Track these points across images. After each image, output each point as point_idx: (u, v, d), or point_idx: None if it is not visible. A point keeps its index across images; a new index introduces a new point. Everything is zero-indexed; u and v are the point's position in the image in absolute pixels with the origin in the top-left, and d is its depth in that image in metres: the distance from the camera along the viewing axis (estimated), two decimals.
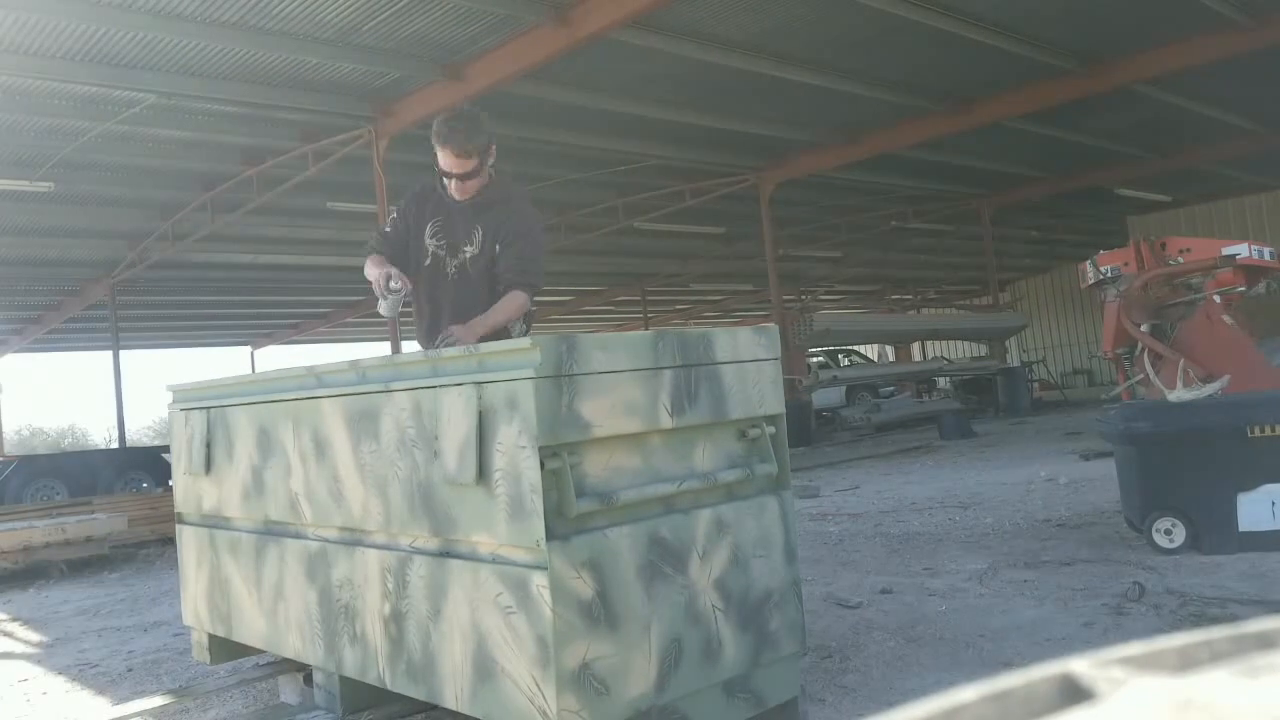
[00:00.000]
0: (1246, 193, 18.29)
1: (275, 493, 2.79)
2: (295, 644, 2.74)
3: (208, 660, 3.26)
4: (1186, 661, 0.39)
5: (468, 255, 3.38)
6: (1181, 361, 6.05)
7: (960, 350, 25.94)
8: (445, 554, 2.21)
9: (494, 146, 3.35)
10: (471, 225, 3.37)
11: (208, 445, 3.10)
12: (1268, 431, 3.89)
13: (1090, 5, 9.60)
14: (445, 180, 3.32)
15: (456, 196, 3.37)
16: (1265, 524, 3.92)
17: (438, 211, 3.44)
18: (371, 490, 2.41)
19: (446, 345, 3.00)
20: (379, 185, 10.28)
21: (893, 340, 23.85)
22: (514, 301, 3.30)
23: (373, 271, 3.32)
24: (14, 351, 20.78)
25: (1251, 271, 7.31)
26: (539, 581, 1.94)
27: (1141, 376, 6.58)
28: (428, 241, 3.45)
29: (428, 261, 3.44)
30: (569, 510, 1.99)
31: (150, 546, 8.26)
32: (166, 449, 11.03)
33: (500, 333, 3.30)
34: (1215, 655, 0.39)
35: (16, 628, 5.26)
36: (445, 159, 3.26)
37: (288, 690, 2.99)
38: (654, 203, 14.77)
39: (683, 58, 9.37)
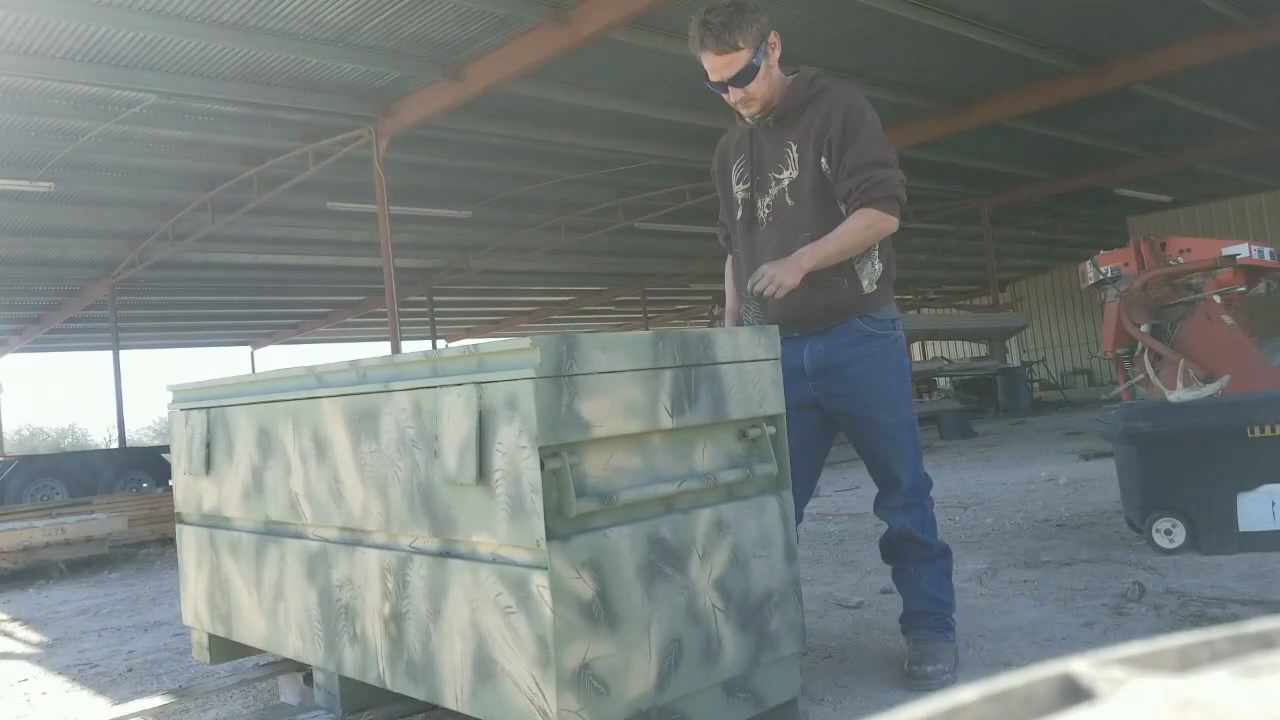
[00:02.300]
0: (1246, 193, 18.30)
1: (275, 493, 2.79)
2: (295, 644, 2.74)
3: (208, 660, 3.26)
4: (1186, 661, 0.39)
5: (785, 183, 2.66)
6: (1181, 361, 6.05)
7: (960, 350, 25.94)
8: (445, 554, 2.21)
9: (776, 36, 2.63)
10: (782, 144, 2.66)
11: (208, 445, 3.10)
12: (1268, 431, 3.89)
13: (1090, 5, 9.60)
14: (725, 98, 2.66)
15: (746, 114, 2.69)
16: (1265, 524, 3.92)
17: (739, 150, 2.79)
18: (371, 490, 2.41)
19: (755, 291, 2.47)
20: (379, 185, 10.29)
21: None
22: (858, 222, 2.51)
23: (729, 300, 2.85)
24: (14, 351, 20.77)
25: (1251, 271, 7.31)
26: (539, 581, 1.94)
27: (1141, 376, 6.58)
28: (735, 190, 2.78)
29: (739, 215, 2.79)
30: (569, 510, 1.98)
31: (150, 546, 8.25)
32: (166, 449, 11.04)
33: (848, 269, 2.59)
34: (1215, 655, 0.39)
35: (16, 628, 5.26)
36: (708, 65, 2.62)
37: (288, 690, 3.00)
38: (654, 203, 14.78)
39: (683, 58, 9.28)
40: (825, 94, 2.66)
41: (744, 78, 2.60)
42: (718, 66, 2.60)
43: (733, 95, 2.65)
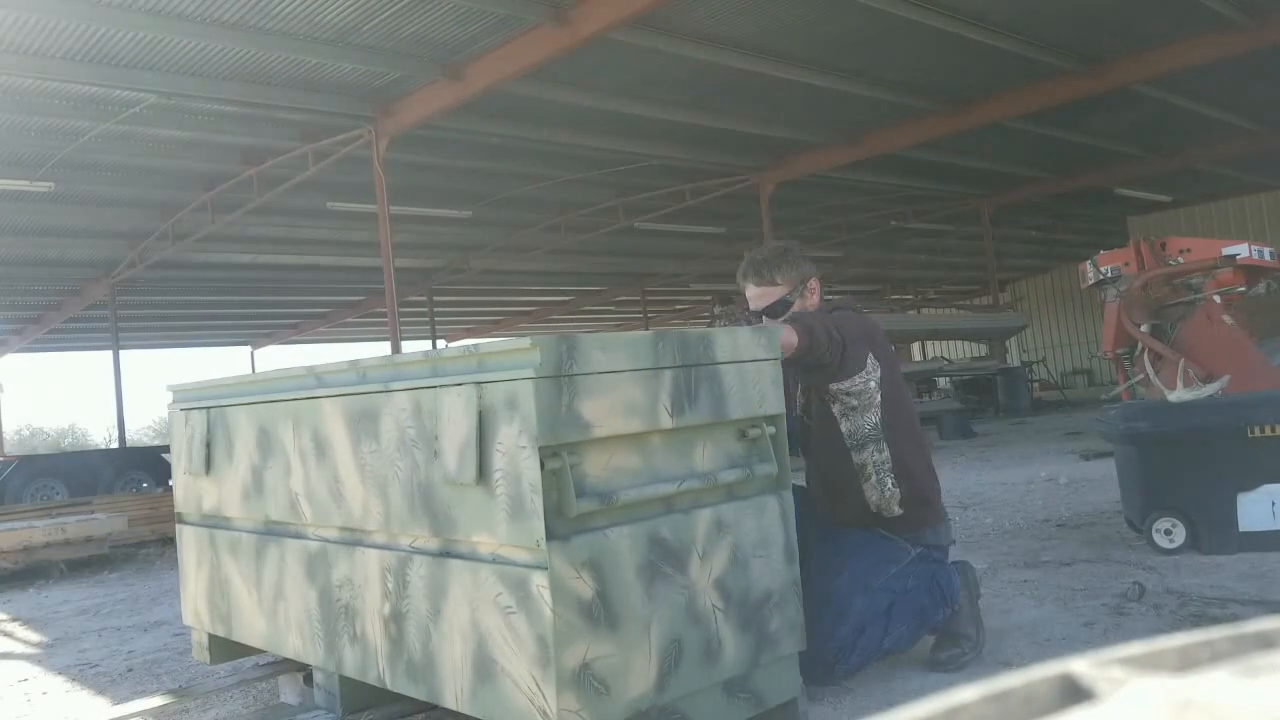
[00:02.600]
0: (1246, 193, 18.30)
1: (275, 493, 2.79)
2: (295, 644, 2.74)
3: (208, 660, 3.26)
4: (1186, 661, 0.39)
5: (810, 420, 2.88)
6: (1181, 361, 6.05)
7: (960, 350, 25.94)
8: (445, 554, 2.21)
9: (817, 282, 2.92)
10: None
11: (208, 445, 3.09)
12: (1268, 431, 3.89)
13: (1090, 5, 9.60)
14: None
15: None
16: (1265, 524, 3.92)
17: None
18: (371, 490, 2.41)
19: None
20: (379, 185, 10.29)
21: (893, 340, 23.76)
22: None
23: None
24: (14, 351, 20.78)
25: (1251, 271, 7.30)
26: (539, 581, 1.94)
27: (1141, 376, 6.58)
28: (797, 397, 3.00)
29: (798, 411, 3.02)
30: (569, 510, 1.98)
31: (150, 546, 8.26)
32: (166, 449, 11.03)
33: (856, 489, 2.84)
34: (1215, 655, 0.39)
35: (16, 628, 5.26)
36: (748, 295, 2.92)
37: (288, 690, 3.00)
38: (654, 203, 14.78)
39: (683, 58, 9.37)
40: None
41: (776, 310, 2.87)
42: (754, 296, 2.90)
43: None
